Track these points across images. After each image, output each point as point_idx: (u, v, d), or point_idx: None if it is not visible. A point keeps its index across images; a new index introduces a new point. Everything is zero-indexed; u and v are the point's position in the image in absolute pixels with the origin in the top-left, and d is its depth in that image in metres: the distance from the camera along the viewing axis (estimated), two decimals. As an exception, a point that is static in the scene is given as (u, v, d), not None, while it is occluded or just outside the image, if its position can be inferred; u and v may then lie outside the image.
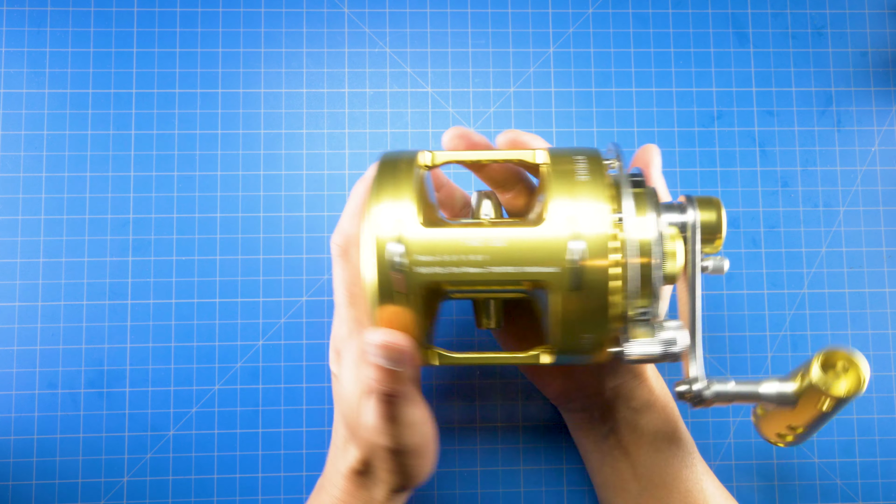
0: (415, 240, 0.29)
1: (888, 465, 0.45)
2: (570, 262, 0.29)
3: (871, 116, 0.48)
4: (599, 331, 0.30)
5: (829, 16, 0.49)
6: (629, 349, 0.30)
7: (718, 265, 0.33)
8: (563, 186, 0.30)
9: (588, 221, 0.29)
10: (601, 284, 0.29)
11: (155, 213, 0.46)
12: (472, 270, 0.30)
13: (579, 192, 0.30)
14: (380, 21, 0.48)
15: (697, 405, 0.32)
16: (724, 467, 0.45)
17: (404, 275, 0.29)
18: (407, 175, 0.31)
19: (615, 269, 0.29)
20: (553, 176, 0.31)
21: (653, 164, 0.37)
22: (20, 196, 0.45)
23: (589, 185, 0.30)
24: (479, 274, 0.30)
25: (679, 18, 0.48)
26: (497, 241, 0.29)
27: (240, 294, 0.45)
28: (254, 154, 0.46)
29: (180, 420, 0.44)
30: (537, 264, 0.29)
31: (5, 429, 0.44)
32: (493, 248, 0.29)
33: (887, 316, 0.46)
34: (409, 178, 0.31)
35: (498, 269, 0.29)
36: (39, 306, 0.45)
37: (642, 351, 0.30)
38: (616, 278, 0.29)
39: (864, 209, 0.47)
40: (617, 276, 0.29)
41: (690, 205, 0.32)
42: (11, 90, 0.46)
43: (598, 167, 0.31)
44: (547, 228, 0.29)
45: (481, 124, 0.47)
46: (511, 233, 0.30)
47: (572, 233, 0.29)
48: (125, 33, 0.47)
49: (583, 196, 0.30)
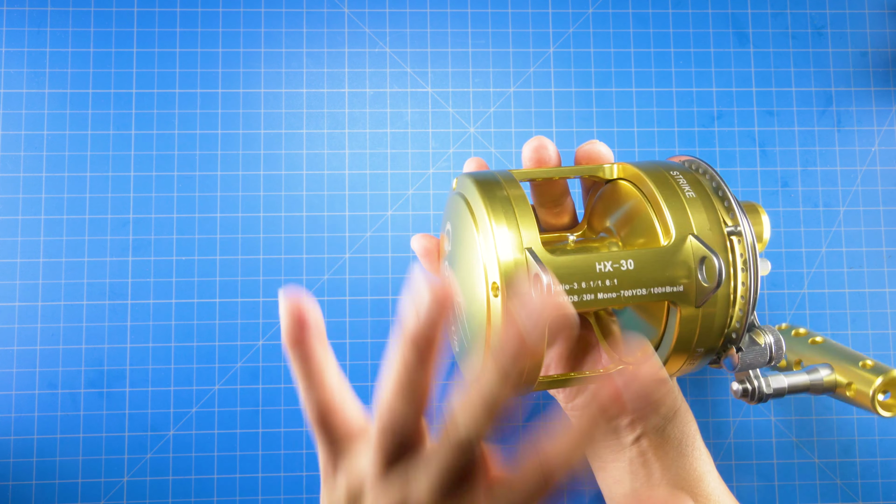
0: (548, 269, 0.28)
1: (888, 465, 0.45)
2: (701, 280, 0.29)
3: (871, 116, 0.48)
4: (713, 343, 0.31)
5: (829, 16, 0.49)
6: (745, 357, 0.31)
7: (764, 266, 0.36)
8: (677, 205, 0.30)
9: (710, 238, 0.30)
10: (725, 300, 0.30)
11: (155, 213, 0.46)
12: (604, 296, 0.29)
13: (693, 210, 0.30)
14: (380, 21, 0.48)
15: (756, 401, 0.33)
16: (724, 467, 0.45)
17: None
18: (521, 204, 0.29)
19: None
20: (663, 195, 0.30)
21: (602, 159, 0.35)
22: (20, 196, 0.45)
23: (699, 203, 0.30)
24: (610, 299, 0.29)
25: (679, 18, 0.48)
26: (626, 264, 0.29)
27: (240, 294, 0.45)
28: (254, 154, 0.46)
29: (180, 420, 0.44)
30: (667, 284, 0.29)
31: (5, 429, 0.44)
32: (623, 272, 0.29)
33: (887, 316, 0.46)
34: (526, 207, 0.29)
35: (628, 292, 0.29)
36: (39, 306, 0.45)
37: (753, 359, 0.31)
38: (734, 292, 0.30)
39: (864, 209, 0.47)
40: (734, 292, 0.30)
41: (740, 210, 0.33)
42: (12, 90, 0.46)
43: (696, 183, 0.31)
44: (673, 248, 0.29)
45: (481, 124, 0.47)
46: (639, 254, 0.29)
47: (699, 251, 0.29)
48: (125, 33, 0.47)
49: (696, 212, 0.30)
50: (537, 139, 0.34)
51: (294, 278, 0.45)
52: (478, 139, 0.47)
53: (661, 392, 0.23)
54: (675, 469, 0.37)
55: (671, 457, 0.38)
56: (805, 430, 0.46)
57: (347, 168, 0.46)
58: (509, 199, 0.30)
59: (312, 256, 0.46)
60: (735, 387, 0.34)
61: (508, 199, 0.30)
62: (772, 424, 0.46)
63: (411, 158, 0.47)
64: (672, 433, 0.38)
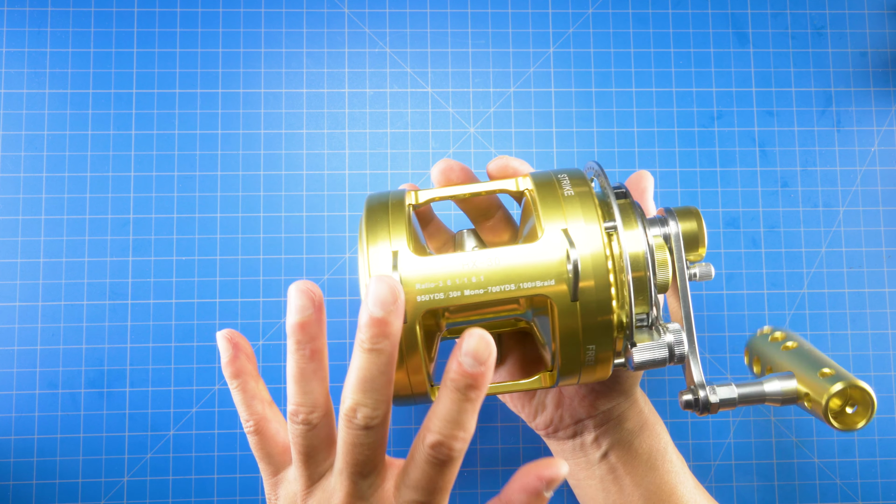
0: (411, 269, 0.29)
1: (888, 465, 0.45)
2: (569, 272, 0.29)
3: (870, 116, 0.48)
4: (603, 340, 0.30)
5: (829, 16, 0.49)
6: (638, 355, 0.30)
7: (705, 272, 0.34)
8: (552, 203, 0.31)
9: (581, 233, 0.30)
10: (603, 292, 0.29)
11: (155, 213, 0.46)
12: (472, 293, 0.29)
13: (568, 206, 0.30)
14: (380, 21, 0.48)
15: (703, 413, 0.32)
16: (724, 467, 0.45)
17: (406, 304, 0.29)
18: (396, 214, 0.31)
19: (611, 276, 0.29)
20: (540, 195, 0.31)
21: (647, 190, 0.38)
22: (20, 196, 0.45)
23: (576, 199, 0.31)
24: (478, 296, 0.29)
25: (679, 18, 0.48)
26: (493, 261, 0.30)
27: (240, 294, 0.45)
28: (254, 154, 0.46)
29: (180, 420, 0.44)
30: (536, 279, 0.29)
31: (5, 429, 0.44)
32: (490, 269, 0.29)
33: (887, 316, 0.46)
34: (400, 217, 0.31)
35: (496, 288, 0.29)
36: (40, 306, 0.45)
37: (650, 356, 0.30)
38: (613, 286, 0.29)
39: (864, 209, 0.47)
40: (614, 285, 0.30)
41: (671, 216, 0.33)
42: (12, 90, 0.46)
43: (582, 182, 0.32)
44: (541, 243, 0.30)
45: (481, 124, 0.47)
46: (506, 251, 0.30)
47: (568, 244, 0.29)
48: (125, 33, 0.47)
49: (572, 210, 0.30)
50: (444, 161, 0.36)
51: (294, 278, 0.45)
52: (478, 139, 0.47)
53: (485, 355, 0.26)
54: (646, 484, 0.37)
55: (641, 471, 0.37)
56: (805, 430, 0.46)
57: (347, 168, 0.47)
58: (388, 211, 0.31)
59: (312, 256, 0.46)
60: (681, 398, 0.33)
61: (387, 211, 0.32)
62: (772, 424, 0.46)
63: (411, 158, 0.47)
64: (640, 447, 0.38)
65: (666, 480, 0.37)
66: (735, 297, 0.46)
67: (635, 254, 0.30)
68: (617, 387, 0.37)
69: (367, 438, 0.27)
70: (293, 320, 0.27)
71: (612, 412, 0.38)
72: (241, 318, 0.45)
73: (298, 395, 0.28)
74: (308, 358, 0.27)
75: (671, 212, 0.34)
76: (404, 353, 0.30)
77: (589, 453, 0.39)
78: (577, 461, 0.39)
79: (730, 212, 0.47)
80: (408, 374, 0.30)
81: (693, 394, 0.32)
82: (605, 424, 0.38)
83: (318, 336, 0.28)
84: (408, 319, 0.29)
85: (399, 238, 0.30)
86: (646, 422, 0.38)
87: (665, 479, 0.37)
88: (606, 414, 0.38)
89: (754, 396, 0.32)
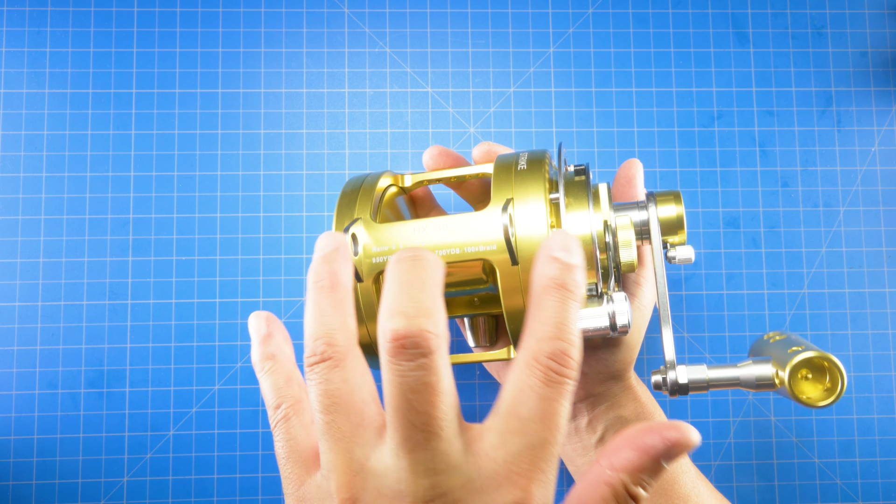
0: (368, 235, 0.32)
1: (888, 465, 0.45)
2: (511, 235, 0.30)
3: (871, 116, 0.48)
4: None
5: (829, 16, 0.49)
6: (584, 323, 0.31)
7: (685, 255, 0.34)
8: (503, 176, 0.32)
9: (524, 200, 0.31)
10: None
11: (155, 213, 0.46)
12: None
13: (518, 179, 0.32)
14: (380, 21, 0.48)
15: (675, 394, 0.32)
16: (724, 467, 0.45)
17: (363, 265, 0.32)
18: (364, 198, 0.34)
19: None
20: (496, 171, 0.33)
21: (636, 178, 0.38)
22: (20, 196, 0.45)
23: (526, 172, 0.32)
24: None
25: (679, 18, 0.48)
26: (441, 227, 0.32)
27: (240, 294, 0.45)
28: (254, 154, 0.46)
29: (180, 420, 0.44)
30: (479, 244, 0.31)
31: (5, 429, 0.44)
32: (438, 234, 0.31)
33: (887, 316, 0.46)
34: (367, 199, 0.33)
35: (444, 252, 0.31)
36: (39, 306, 0.45)
37: (591, 324, 0.31)
38: None
39: (864, 209, 0.47)
40: None
41: (651, 200, 0.34)
42: (12, 90, 0.46)
43: (537, 159, 0.33)
44: (487, 211, 0.31)
45: (481, 124, 0.47)
46: (455, 218, 0.32)
47: (511, 210, 0.31)
48: (125, 33, 0.47)
49: (520, 181, 0.32)
50: (434, 147, 0.38)
51: (294, 278, 0.45)
52: (478, 139, 0.47)
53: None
54: None
55: None
56: (805, 430, 0.46)
57: (347, 168, 0.46)
58: (359, 189, 0.34)
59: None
60: (651, 378, 0.33)
61: (359, 189, 0.34)
62: (772, 424, 0.46)
63: (411, 158, 0.47)
64: None
65: (667, 469, 0.37)
66: (735, 297, 0.46)
67: (579, 218, 0.32)
68: (605, 370, 0.38)
69: (413, 371, 0.21)
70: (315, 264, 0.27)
71: (603, 396, 0.38)
72: (240, 319, 0.45)
73: (316, 326, 0.24)
74: (330, 289, 0.26)
75: (652, 195, 0.34)
76: (362, 311, 0.32)
77: (584, 438, 0.39)
78: (573, 446, 0.40)
79: (730, 212, 0.47)
80: (368, 332, 0.32)
81: (662, 374, 0.32)
82: (597, 408, 0.38)
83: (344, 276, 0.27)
84: (363, 278, 0.31)
85: (364, 211, 0.33)
86: (643, 410, 0.38)
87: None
88: (598, 398, 0.38)
89: (727, 380, 0.32)
